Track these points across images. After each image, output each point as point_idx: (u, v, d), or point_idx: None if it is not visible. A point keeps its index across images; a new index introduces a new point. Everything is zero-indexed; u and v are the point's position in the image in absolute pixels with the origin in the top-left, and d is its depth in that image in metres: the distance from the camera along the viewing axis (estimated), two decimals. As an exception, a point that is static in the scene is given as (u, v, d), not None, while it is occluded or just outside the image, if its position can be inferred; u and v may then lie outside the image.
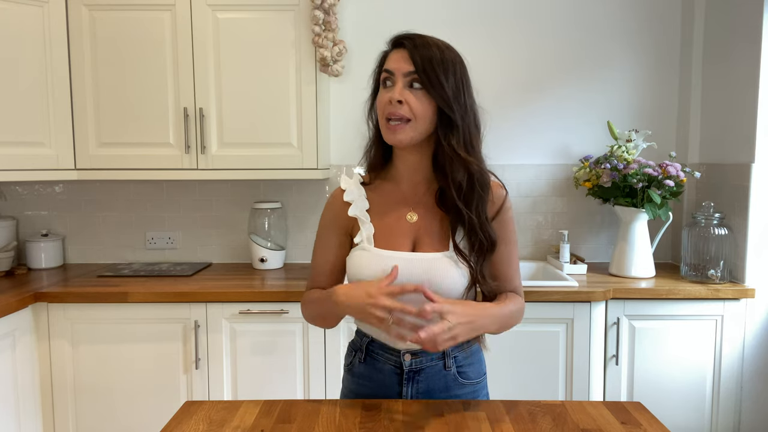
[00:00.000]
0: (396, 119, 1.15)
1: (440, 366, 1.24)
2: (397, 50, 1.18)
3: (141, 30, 2.29)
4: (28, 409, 2.08)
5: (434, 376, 1.24)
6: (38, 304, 2.11)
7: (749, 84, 2.16)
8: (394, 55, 1.17)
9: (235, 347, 2.15)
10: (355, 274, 1.21)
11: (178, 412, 1.17)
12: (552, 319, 2.12)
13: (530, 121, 2.62)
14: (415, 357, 1.23)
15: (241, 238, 2.68)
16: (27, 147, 2.25)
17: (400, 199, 1.25)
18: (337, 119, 2.61)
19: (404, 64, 1.15)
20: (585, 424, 1.12)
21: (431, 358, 1.23)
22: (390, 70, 1.16)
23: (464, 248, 1.19)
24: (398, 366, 1.24)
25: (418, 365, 1.23)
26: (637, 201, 2.26)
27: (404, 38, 1.18)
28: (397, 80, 1.15)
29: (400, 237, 1.22)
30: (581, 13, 2.59)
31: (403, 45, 1.17)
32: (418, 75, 1.14)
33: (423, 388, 1.24)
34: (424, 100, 1.15)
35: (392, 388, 1.25)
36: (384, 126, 1.17)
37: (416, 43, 1.16)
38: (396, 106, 1.14)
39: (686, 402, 2.17)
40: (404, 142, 1.16)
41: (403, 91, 1.14)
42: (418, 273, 1.17)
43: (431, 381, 1.24)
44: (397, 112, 1.14)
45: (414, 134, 1.16)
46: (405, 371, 1.23)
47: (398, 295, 1.08)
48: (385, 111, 1.16)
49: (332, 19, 2.27)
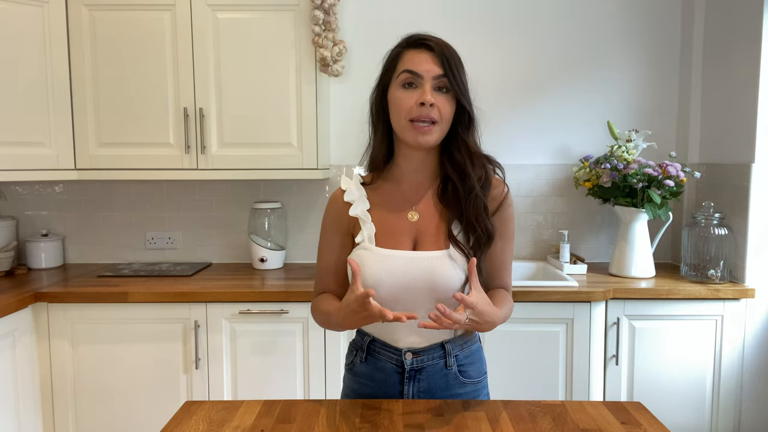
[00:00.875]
0: (425, 121, 1.16)
1: (441, 365, 1.24)
2: (419, 51, 1.18)
3: (141, 30, 2.29)
4: (28, 409, 2.08)
5: (435, 374, 1.24)
6: (38, 304, 2.11)
7: (749, 84, 2.16)
8: (418, 56, 1.18)
9: (235, 347, 2.15)
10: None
11: (178, 412, 1.17)
12: (552, 319, 2.12)
13: (530, 121, 2.62)
14: (417, 356, 1.23)
15: (241, 238, 2.68)
16: (27, 147, 2.25)
17: (402, 199, 1.26)
18: (337, 119, 2.61)
19: (434, 66, 1.16)
20: (585, 424, 1.12)
21: (432, 357, 1.23)
22: (417, 72, 1.16)
23: (461, 240, 1.20)
24: (399, 365, 1.24)
25: (419, 364, 1.23)
26: (637, 201, 2.26)
27: (427, 39, 1.19)
28: (426, 83, 1.16)
29: (401, 236, 1.22)
30: (581, 13, 2.59)
31: (429, 47, 1.18)
32: (448, 79, 1.16)
33: (424, 386, 1.24)
34: (449, 102, 1.18)
35: (394, 387, 1.25)
36: (408, 127, 1.18)
37: (441, 45, 1.18)
38: (428, 109, 1.15)
39: (686, 402, 2.17)
40: (431, 143, 1.19)
41: (433, 94, 1.16)
42: (418, 272, 1.18)
43: (432, 380, 1.24)
44: (429, 114, 1.16)
45: (439, 135, 1.19)
46: (406, 370, 1.23)
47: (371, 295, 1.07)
48: (413, 113, 1.16)
49: (332, 19, 2.27)
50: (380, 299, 1.18)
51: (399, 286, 1.18)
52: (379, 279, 1.18)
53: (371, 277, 1.18)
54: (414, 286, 1.18)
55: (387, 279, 1.18)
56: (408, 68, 1.17)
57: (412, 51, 1.19)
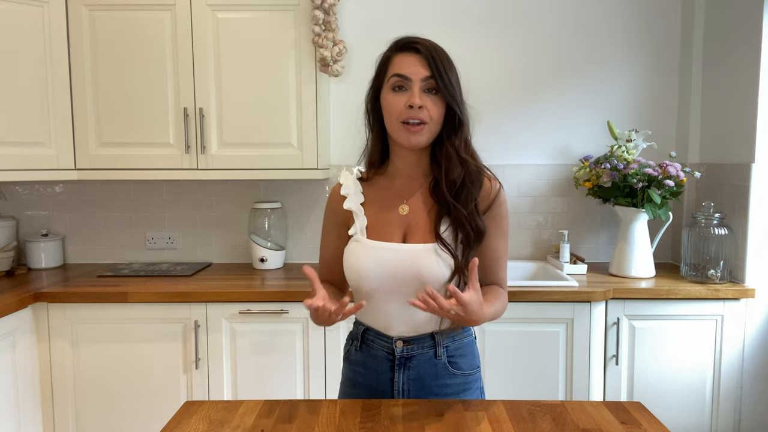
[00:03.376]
0: (415, 123, 1.19)
1: (431, 354, 1.27)
2: (408, 54, 1.21)
3: (141, 30, 2.29)
4: (28, 409, 2.08)
5: (425, 363, 1.27)
6: (38, 304, 2.11)
7: (749, 84, 2.16)
8: (406, 59, 1.20)
9: (235, 347, 2.15)
10: (349, 265, 1.26)
11: (178, 412, 1.17)
12: (552, 319, 2.12)
13: (530, 121, 2.62)
14: (407, 344, 1.26)
15: (241, 238, 2.68)
16: (27, 147, 2.25)
17: (394, 193, 1.29)
18: (337, 119, 2.61)
19: (421, 69, 1.19)
20: (585, 424, 1.12)
21: (422, 346, 1.26)
22: (405, 75, 1.19)
23: (449, 239, 1.22)
24: (391, 353, 1.27)
25: (409, 352, 1.26)
26: (637, 201, 2.26)
27: (415, 42, 1.21)
28: (414, 85, 1.18)
29: (391, 228, 1.26)
30: (581, 13, 2.58)
31: (416, 50, 1.20)
32: (435, 80, 1.18)
33: (414, 375, 1.27)
34: (438, 103, 1.20)
35: (385, 374, 1.28)
36: (399, 129, 1.20)
37: (428, 47, 1.20)
38: (417, 111, 1.18)
39: (686, 402, 2.17)
40: (422, 143, 1.22)
41: (422, 96, 1.18)
42: (404, 263, 1.21)
43: (422, 368, 1.27)
44: (418, 116, 1.18)
45: (430, 136, 1.22)
46: (396, 358, 1.26)
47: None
48: (403, 115, 1.19)
49: (332, 19, 2.27)
50: (371, 291, 1.24)
51: (387, 276, 1.22)
52: (368, 269, 1.22)
53: (362, 268, 1.22)
54: (401, 277, 1.21)
55: (375, 269, 1.22)
56: (397, 72, 1.20)
57: (401, 54, 1.22)
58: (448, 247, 1.21)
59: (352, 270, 1.25)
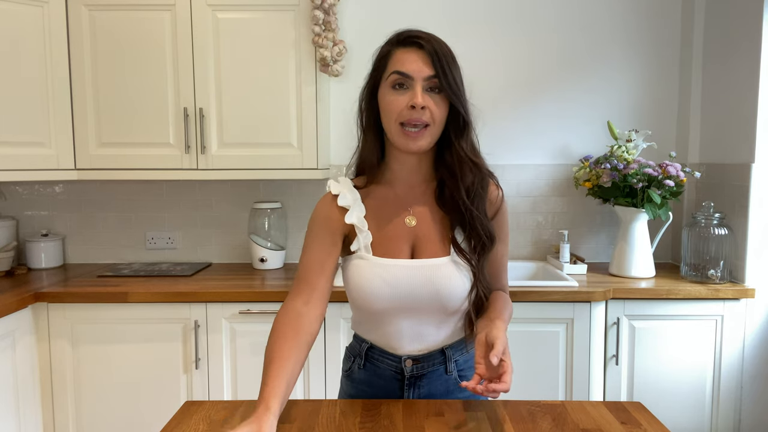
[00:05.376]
0: (416, 126, 1.10)
1: (442, 371, 1.23)
2: (409, 50, 1.11)
3: (141, 30, 2.29)
4: (28, 409, 2.08)
5: (436, 380, 1.23)
6: (38, 304, 2.11)
7: (749, 84, 2.16)
8: (408, 55, 1.10)
9: (235, 347, 2.15)
10: (355, 284, 1.17)
11: (178, 412, 1.17)
12: (552, 319, 2.12)
13: (530, 121, 2.62)
14: (417, 363, 1.21)
15: (241, 238, 2.68)
16: (27, 147, 2.25)
17: (397, 203, 1.20)
18: (337, 119, 2.61)
19: (424, 67, 1.09)
20: (585, 424, 1.11)
21: (432, 363, 1.22)
22: (407, 73, 1.09)
23: (466, 249, 1.16)
24: (399, 372, 1.22)
25: (419, 371, 1.22)
26: (637, 201, 2.26)
27: (417, 37, 1.11)
28: (417, 84, 1.09)
29: (398, 243, 1.17)
30: (581, 13, 2.58)
31: (419, 45, 1.10)
32: (439, 80, 1.09)
33: (424, 392, 1.23)
34: (441, 103, 1.11)
35: (393, 394, 1.24)
36: (398, 132, 1.11)
37: (432, 43, 1.10)
38: (419, 112, 1.09)
39: (686, 402, 2.17)
40: (423, 147, 1.12)
41: (424, 96, 1.09)
42: (420, 281, 1.13)
43: (433, 386, 1.23)
44: (420, 118, 1.09)
45: (431, 139, 1.13)
46: (406, 377, 1.22)
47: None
48: (403, 116, 1.10)
49: (332, 19, 2.27)
50: (381, 311, 1.16)
51: (401, 297, 1.14)
52: (379, 288, 1.14)
53: (369, 288, 1.14)
54: (416, 295, 1.14)
55: (387, 290, 1.14)
56: (397, 69, 1.10)
57: (401, 50, 1.12)
58: (469, 259, 1.14)
59: (359, 289, 1.15)
